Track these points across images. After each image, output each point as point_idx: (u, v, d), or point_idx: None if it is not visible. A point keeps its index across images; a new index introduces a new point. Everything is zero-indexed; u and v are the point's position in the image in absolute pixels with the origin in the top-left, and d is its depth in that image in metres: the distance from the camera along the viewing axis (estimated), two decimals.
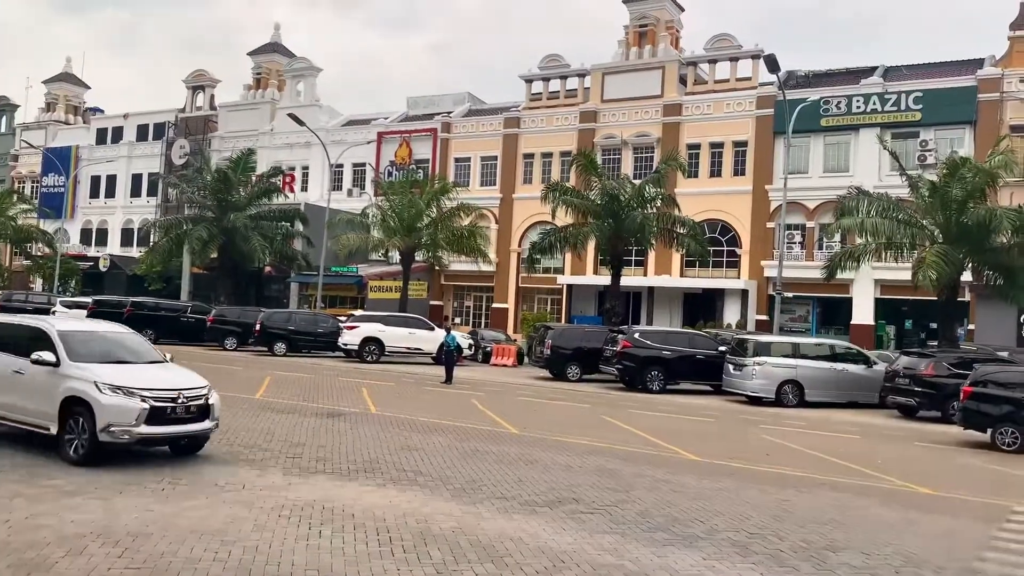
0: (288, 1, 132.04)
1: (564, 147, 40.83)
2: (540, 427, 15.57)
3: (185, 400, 10.47)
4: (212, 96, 57.02)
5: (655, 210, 30.69)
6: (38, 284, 54.07)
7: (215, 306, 34.17)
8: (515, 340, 34.35)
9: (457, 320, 44.37)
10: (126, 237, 56.74)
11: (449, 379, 22.90)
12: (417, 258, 37.70)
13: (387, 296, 38.75)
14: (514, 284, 43.86)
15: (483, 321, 44.21)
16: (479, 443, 13.30)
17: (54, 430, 10.18)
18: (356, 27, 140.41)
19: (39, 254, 53.48)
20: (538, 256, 32.59)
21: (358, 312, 31.75)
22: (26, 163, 62.81)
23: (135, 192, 57.92)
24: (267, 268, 44.55)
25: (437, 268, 42.32)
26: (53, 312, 37.90)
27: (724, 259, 38.68)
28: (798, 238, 37.08)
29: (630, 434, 15.43)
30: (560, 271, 42.15)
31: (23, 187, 61.54)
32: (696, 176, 39.07)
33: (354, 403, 17.71)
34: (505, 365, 30.53)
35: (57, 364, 10.33)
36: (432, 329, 29.22)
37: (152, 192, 56.25)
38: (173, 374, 11.18)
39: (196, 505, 8.40)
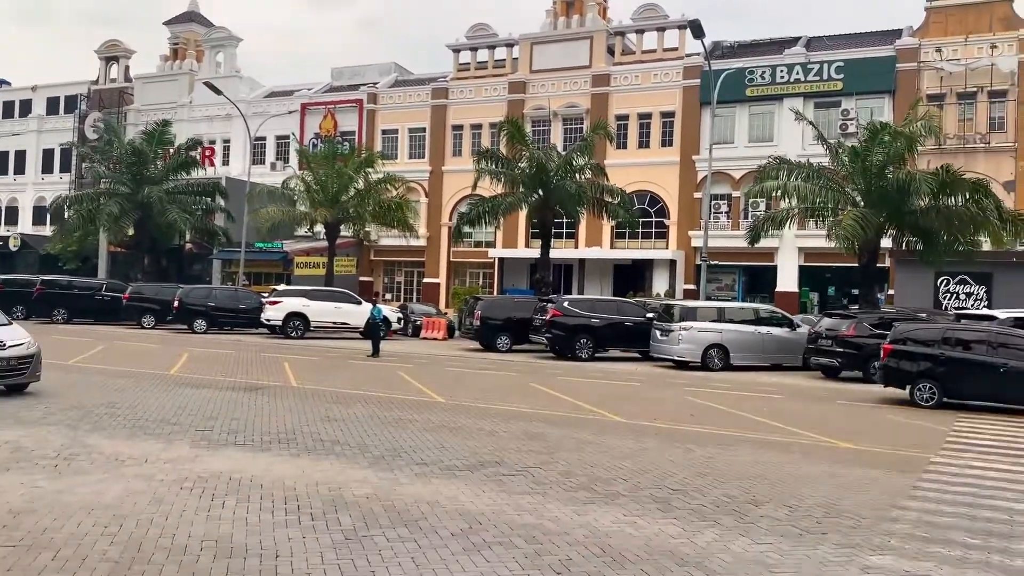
0: None
1: (493, 118, 40.29)
2: (467, 396, 15.28)
3: None
4: (127, 68, 54.64)
5: (584, 180, 30.50)
6: None
7: (132, 284, 32.83)
8: (445, 313, 33.92)
9: (388, 296, 43.73)
10: (38, 215, 54.15)
11: (376, 352, 22.41)
12: (344, 233, 36.86)
13: (314, 272, 37.85)
14: (445, 259, 43.39)
15: (415, 297, 43.65)
16: (402, 412, 12.94)
17: None
18: (283, 1, 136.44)
19: None
20: (466, 227, 32.14)
21: (281, 287, 30.84)
22: None
23: (47, 168, 55.31)
24: (188, 245, 43.11)
25: (366, 243, 41.59)
26: None
27: (653, 230, 38.89)
28: (724, 208, 37.49)
29: (557, 400, 15.27)
30: (492, 244, 41.84)
31: None
32: (625, 147, 39.15)
33: (275, 377, 17.13)
34: (435, 339, 30.11)
35: None
36: (359, 303, 28.54)
37: (65, 168, 53.79)
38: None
39: (90, 480, 7.86)
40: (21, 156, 56.26)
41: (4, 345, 12.67)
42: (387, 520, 6.89)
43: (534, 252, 34.22)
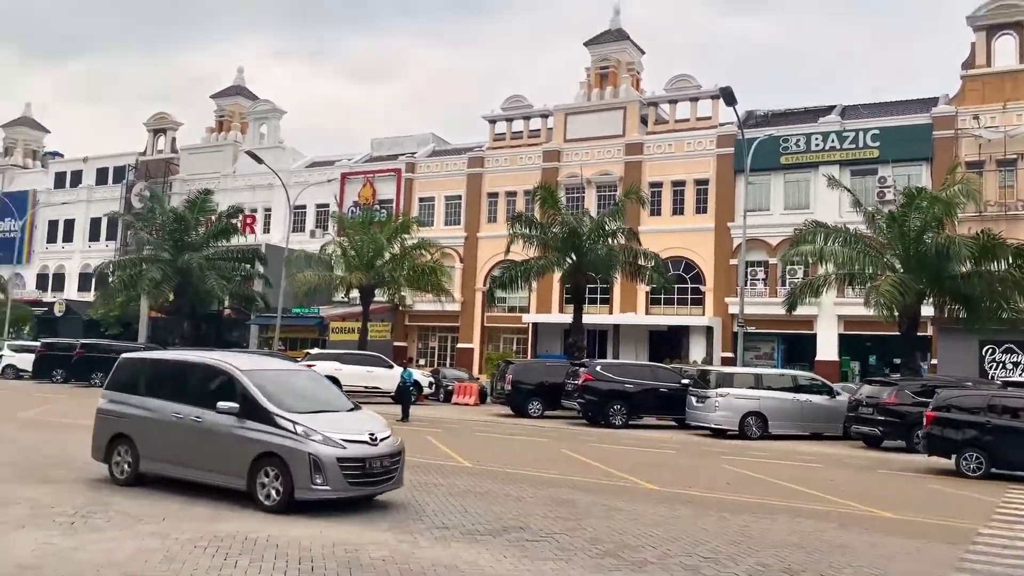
0: (258, 54, 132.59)
1: (528, 185, 40.57)
2: (495, 461, 14.98)
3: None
4: (174, 139, 56.41)
5: (617, 244, 30.46)
6: None
7: (168, 349, 33.15)
8: (478, 379, 33.69)
9: (422, 361, 43.65)
10: (83, 282, 55.40)
11: (405, 416, 22.21)
12: (379, 297, 37.06)
13: (349, 337, 37.95)
14: (479, 324, 43.33)
15: (448, 362, 43.52)
16: (428, 476, 12.70)
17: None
18: (325, 78, 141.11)
19: None
20: (499, 290, 32.18)
21: (314, 351, 30.93)
22: None
23: (94, 236, 56.82)
24: (227, 311, 43.65)
25: (401, 308, 41.73)
26: (0, 356, 36.84)
27: (689, 296, 38.53)
28: (761, 275, 37.07)
29: (588, 466, 14.90)
30: (526, 310, 41.75)
31: None
32: (659, 214, 39.13)
33: None
34: (467, 403, 29.84)
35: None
36: (391, 367, 28.49)
37: (111, 236, 55.19)
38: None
39: (104, 538, 7.74)
40: (70, 225, 57.94)
41: (375, 440, 9.79)
42: None
43: (568, 317, 34.03)
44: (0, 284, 50.36)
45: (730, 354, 34.61)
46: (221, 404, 9.65)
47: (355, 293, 36.02)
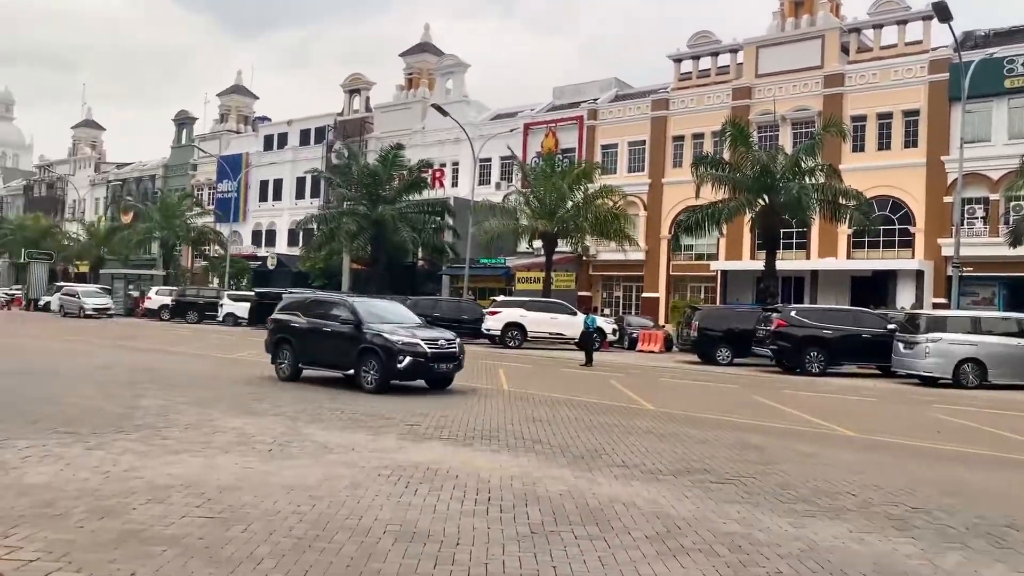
0: (446, 13, 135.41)
1: (716, 127, 38.62)
2: (679, 405, 14.49)
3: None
4: (368, 99, 58.87)
5: (815, 182, 28.41)
6: (215, 282, 57.68)
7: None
8: (663, 327, 32.97)
9: (606, 311, 43.38)
10: (292, 237, 59.54)
11: (589, 361, 22.09)
12: (562, 247, 37.04)
13: (534, 288, 38.35)
14: (665, 272, 42.36)
15: (634, 311, 42.97)
16: (609, 417, 12.45)
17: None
18: (507, 33, 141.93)
19: (215, 255, 57.19)
20: (684, 235, 31.03)
21: (500, 298, 31.45)
22: (203, 171, 67.41)
23: (299, 194, 60.74)
24: (420, 262, 45.36)
25: (584, 258, 41.56)
26: (221, 305, 40.37)
27: (896, 238, 35.58)
28: (980, 213, 33.52)
29: (780, 412, 14.08)
30: (714, 257, 40.28)
31: (201, 194, 66.00)
32: (863, 150, 36.24)
33: (488, 382, 17.29)
34: (652, 351, 29.33)
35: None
36: (575, 314, 28.43)
37: (315, 193, 58.75)
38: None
39: (297, 464, 8.09)
40: (279, 184, 62.28)
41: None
42: (578, 517, 6.43)
43: (759, 264, 32.43)
44: (221, 240, 55.08)
45: (943, 300, 31.73)
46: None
47: (539, 243, 36.20)
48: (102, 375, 15.50)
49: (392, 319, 15.35)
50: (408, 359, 14.04)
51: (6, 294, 58.45)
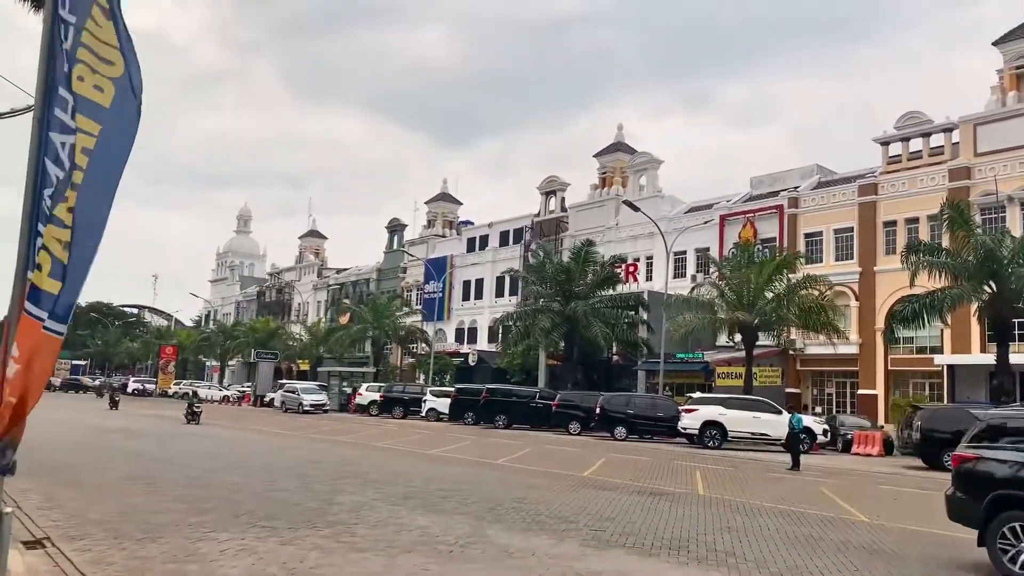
0: (638, 114, 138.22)
1: (931, 210, 36.02)
2: (899, 517, 13.01)
3: None
4: (563, 199, 60.39)
5: None
6: (421, 378, 60.16)
7: (560, 392, 34.95)
8: (882, 427, 30.23)
9: (818, 409, 40.61)
10: (492, 334, 61.19)
11: (796, 465, 20.52)
12: (764, 342, 35.35)
13: (735, 383, 36.67)
14: (882, 367, 39.15)
15: (848, 409, 39.86)
16: (815, 529, 11.34)
17: None
18: (703, 125, 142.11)
19: (421, 352, 59.84)
20: (899, 326, 28.54)
21: (697, 395, 30.26)
22: (412, 273, 71.45)
23: (499, 293, 62.64)
24: (615, 357, 44.97)
25: (791, 352, 39.45)
26: (424, 400, 41.87)
27: None
28: None
29: None
30: (938, 350, 36.80)
31: (410, 294, 69.83)
32: None
33: (682, 485, 16.43)
34: (869, 454, 26.86)
35: None
36: (779, 412, 26.74)
37: (513, 291, 60.38)
38: None
39: (473, 568, 7.93)
40: (480, 283, 64.71)
41: None
42: None
43: (992, 358, 29.14)
44: (426, 339, 57.62)
45: None
46: None
47: (738, 337, 34.79)
48: (308, 469, 16.31)
49: None
50: None
51: (238, 391, 64.07)
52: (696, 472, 18.95)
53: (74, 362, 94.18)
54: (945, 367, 35.96)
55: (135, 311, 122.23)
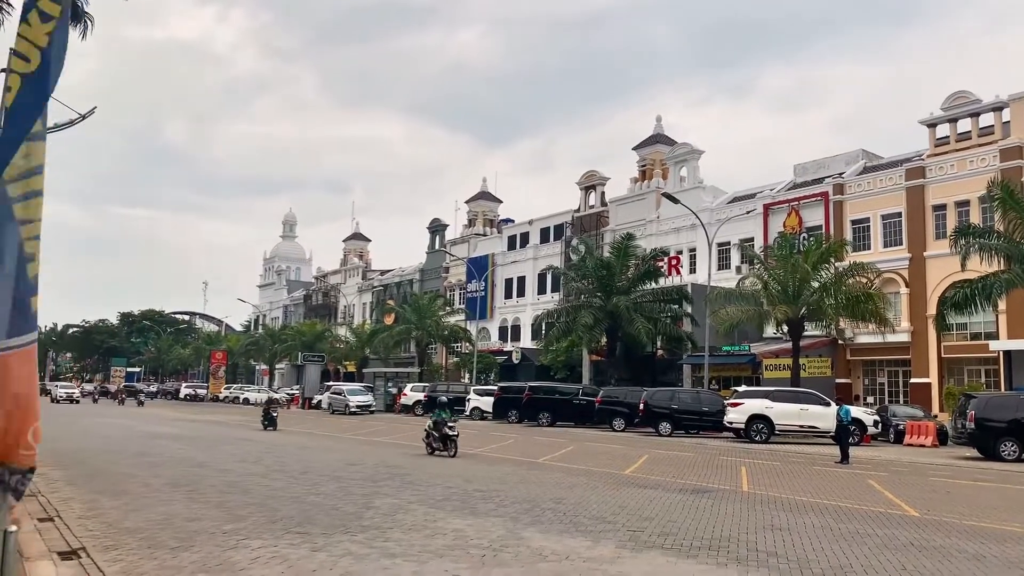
0: (677, 106, 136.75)
1: (983, 192, 34.93)
2: (951, 511, 12.56)
3: None
4: (603, 194, 59.90)
5: None
6: (465, 377, 60.28)
7: (603, 389, 34.67)
8: (935, 416, 29.39)
9: (870, 399, 39.70)
10: (535, 331, 60.98)
11: (845, 458, 20.00)
12: (811, 331, 34.62)
13: (783, 375, 36.00)
14: (935, 355, 38.10)
15: (901, 399, 38.90)
16: (862, 525, 11.00)
17: None
18: (742, 117, 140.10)
19: (465, 351, 59.98)
20: (950, 313, 27.62)
21: (742, 388, 29.74)
22: (454, 273, 71.64)
23: (541, 289, 62.46)
24: (659, 352, 44.50)
25: (840, 342, 38.59)
26: (468, 400, 41.86)
27: None
28: None
29: None
30: (993, 336, 35.70)
31: (452, 294, 70.03)
32: None
33: (727, 481, 16.12)
34: (922, 445, 26.13)
35: None
36: (828, 404, 26.12)
37: (555, 288, 60.10)
38: None
39: (504, 573, 7.80)
40: (522, 281, 64.58)
41: None
42: None
43: None
44: (469, 337, 57.70)
45: None
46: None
47: (785, 328, 34.15)
48: (348, 472, 16.33)
49: None
50: None
51: (287, 394, 64.93)
52: (741, 468, 18.61)
53: (129, 370, 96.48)
54: (1001, 353, 34.88)
55: (186, 318, 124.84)
